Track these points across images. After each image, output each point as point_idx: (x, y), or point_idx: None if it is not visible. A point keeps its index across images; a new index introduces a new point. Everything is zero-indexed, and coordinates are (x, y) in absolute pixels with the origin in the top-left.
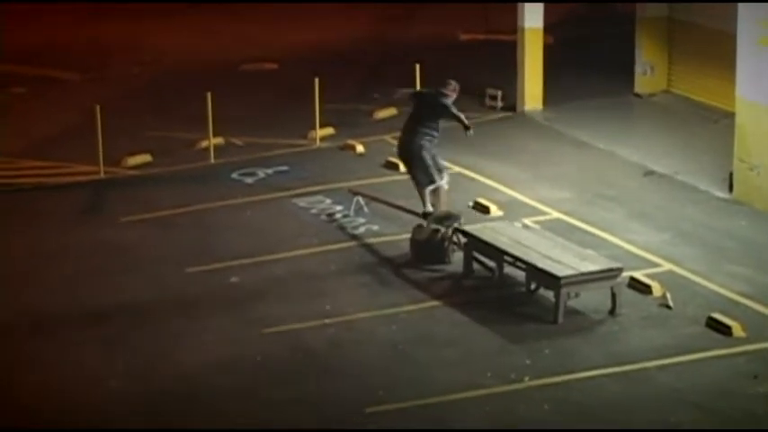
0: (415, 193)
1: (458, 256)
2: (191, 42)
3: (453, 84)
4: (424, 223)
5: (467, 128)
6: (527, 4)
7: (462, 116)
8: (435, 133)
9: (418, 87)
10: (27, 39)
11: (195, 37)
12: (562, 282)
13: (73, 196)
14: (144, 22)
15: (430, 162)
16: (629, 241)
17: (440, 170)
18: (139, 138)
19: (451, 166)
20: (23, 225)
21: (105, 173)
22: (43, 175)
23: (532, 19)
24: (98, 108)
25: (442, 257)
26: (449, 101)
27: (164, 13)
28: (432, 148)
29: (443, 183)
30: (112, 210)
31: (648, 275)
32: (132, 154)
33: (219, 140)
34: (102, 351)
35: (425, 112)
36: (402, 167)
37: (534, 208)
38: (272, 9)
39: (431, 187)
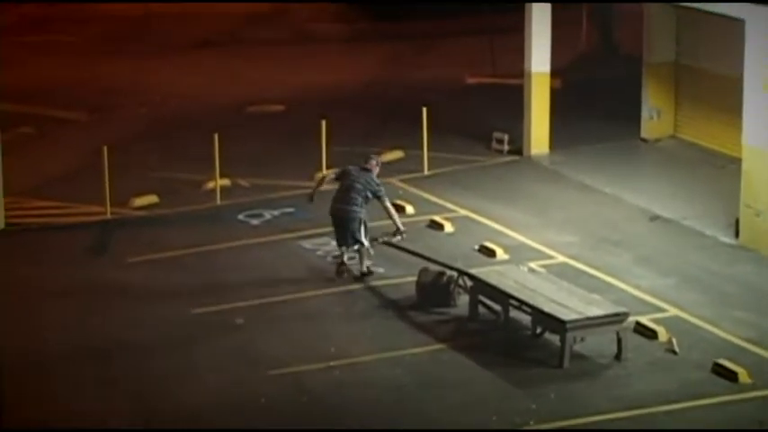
0: (424, 235)
1: (463, 300)
2: (197, 83)
3: (375, 159)
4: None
5: (396, 231)
6: (534, 49)
7: (389, 206)
8: (365, 204)
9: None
10: (32, 77)
11: (202, 78)
12: (568, 326)
13: (79, 236)
14: (150, 61)
15: (360, 227)
16: (634, 286)
17: (366, 233)
18: (146, 178)
19: (457, 209)
20: (30, 265)
21: (112, 213)
22: (50, 215)
23: (539, 63)
24: (105, 148)
25: (448, 301)
26: (372, 176)
27: (170, 54)
28: (364, 214)
29: (368, 245)
30: (119, 250)
31: (654, 320)
32: (139, 194)
33: (226, 182)
34: (104, 390)
35: (356, 185)
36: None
37: (540, 252)
38: (278, 51)
39: (355, 247)
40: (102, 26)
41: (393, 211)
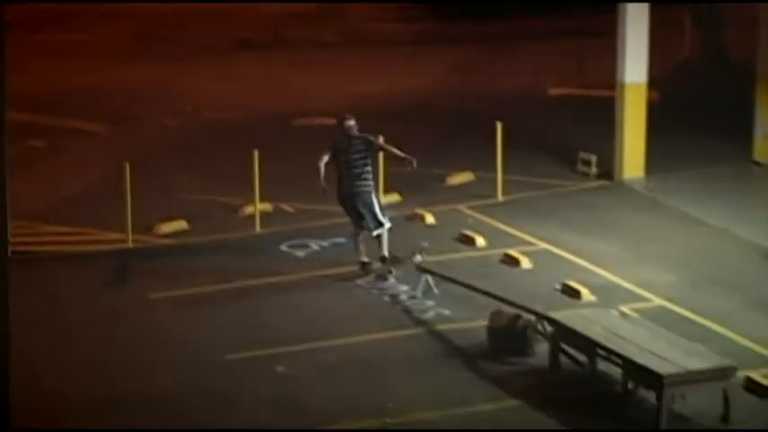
0: (493, 272)
1: (543, 348)
2: (236, 91)
3: (348, 116)
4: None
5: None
6: (629, 56)
7: (389, 146)
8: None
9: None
10: (47, 83)
11: (241, 85)
12: (666, 381)
13: (97, 268)
14: (181, 65)
15: (379, 204)
16: (745, 335)
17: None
18: (174, 201)
19: (536, 241)
20: (41, 299)
21: (134, 241)
22: (63, 243)
23: (635, 72)
24: (127, 165)
25: (525, 348)
26: (359, 132)
27: (205, 56)
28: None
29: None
30: (141, 284)
31: None
32: (165, 220)
33: (267, 206)
34: None
35: (358, 154)
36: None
37: (633, 293)
38: (329, 54)
39: (379, 231)
40: (128, 24)
41: (393, 148)
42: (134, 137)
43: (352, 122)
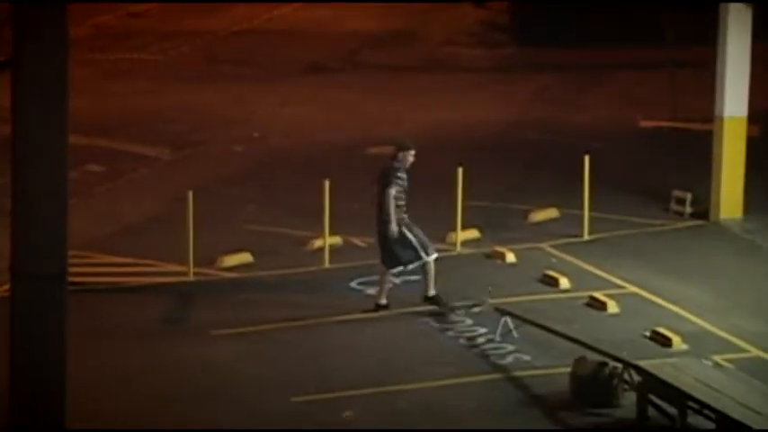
0: (577, 315)
1: (629, 398)
2: (305, 117)
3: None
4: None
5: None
6: (728, 87)
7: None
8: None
9: None
10: (107, 105)
11: (311, 110)
12: None
13: (155, 302)
14: (249, 88)
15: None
16: None
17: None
18: (239, 232)
19: (624, 284)
20: (95, 335)
21: (195, 274)
22: (121, 274)
23: (734, 105)
24: (190, 193)
25: (611, 399)
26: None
27: (274, 80)
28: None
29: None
30: (202, 320)
31: None
32: (229, 252)
33: (337, 240)
34: None
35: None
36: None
37: (728, 342)
38: (405, 80)
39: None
40: (194, 44)
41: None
42: (198, 163)
43: (412, 152)
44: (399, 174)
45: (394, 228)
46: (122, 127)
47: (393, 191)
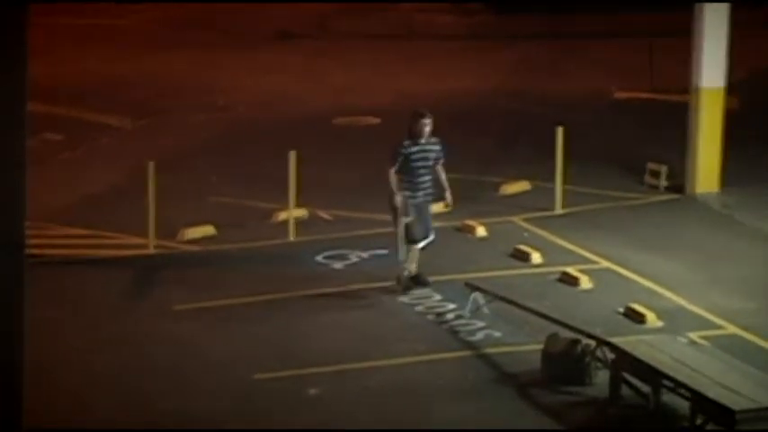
0: (549, 291)
1: (602, 377)
2: (273, 85)
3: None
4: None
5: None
6: (706, 57)
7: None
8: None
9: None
10: (67, 72)
11: (279, 79)
12: (738, 417)
13: (115, 275)
14: (215, 55)
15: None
16: None
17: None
18: (202, 204)
19: (597, 259)
20: (52, 309)
21: (156, 247)
22: (79, 247)
23: (712, 76)
24: (151, 164)
25: (583, 377)
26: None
27: (240, 47)
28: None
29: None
30: (164, 295)
31: None
32: (192, 225)
33: (303, 212)
34: None
35: (429, 159)
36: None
37: (705, 319)
38: (376, 48)
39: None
40: (158, 8)
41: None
42: (161, 133)
43: (428, 121)
44: (405, 147)
45: (397, 200)
46: (82, 94)
47: (392, 168)
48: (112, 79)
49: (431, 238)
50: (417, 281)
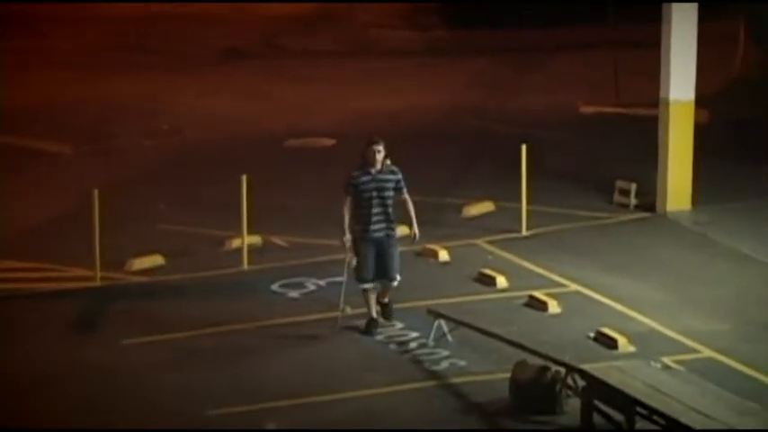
0: (516, 317)
1: (573, 405)
2: (223, 107)
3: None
4: None
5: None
6: (674, 69)
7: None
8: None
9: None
10: (4, 97)
11: (231, 100)
12: None
13: (60, 309)
14: (160, 77)
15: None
16: None
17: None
18: (150, 233)
19: (567, 282)
20: None
21: (103, 279)
22: (21, 280)
23: (681, 88)
24: (96, 192)
25: (553, 406)
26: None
27: (187, 67)
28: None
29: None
30: (111, 329)
31: None
32: (139, 254)
33: (256, 239)
34: None
35: (387, 191)
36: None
37: (678, 343)
38: (329, 66)
39: (395, 283)
40: (99, 29)
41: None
42: (105, 159)
43: (380, 148)
44: (354, 177)
45: (344, 239)
46: (21, 120)
47: (345, 201)
48: (51, 104)
49: (394, 282)
50: (380, 319)
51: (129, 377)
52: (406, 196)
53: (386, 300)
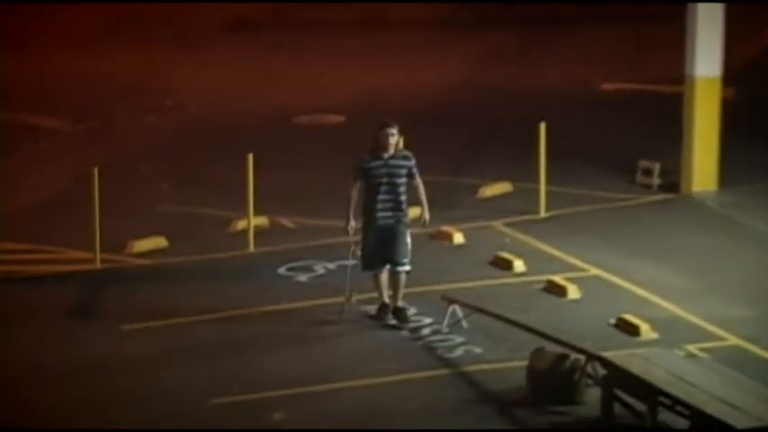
0: (534, 302)
1: (593, 394)
2: (228, 83)
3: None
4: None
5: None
6: (700, 45)
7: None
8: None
9: None
10: (2, 73)
11: (235, 76)
12: None
13: (58, 293)
14: (163, 52)
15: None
16: None
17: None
18: (151, 214)
19: (585, 266)
20: None
21: (103, 262)
22: (18, 263)
23: (706, 65)
24: (96, 171)
25: (572, 395)
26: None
27: (193, 41)
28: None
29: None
30: (111, 314)
31: None
32: (141, 236)
33: (263, 221)
34: None
35: (399, 178)
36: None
37: (702, 330)
38: (340, 39)
39: (407, 268)
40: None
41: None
42: (105, 136)
43: (394, 131)
44: (364, 162)
45: (348, 226)
46: (18, 96)
47: (354, 186)
48: (51, 78)
49: (403, 268)
50: (393, 313)
51: (129, 365)
52: (419, 180)
53: (399, 303)
